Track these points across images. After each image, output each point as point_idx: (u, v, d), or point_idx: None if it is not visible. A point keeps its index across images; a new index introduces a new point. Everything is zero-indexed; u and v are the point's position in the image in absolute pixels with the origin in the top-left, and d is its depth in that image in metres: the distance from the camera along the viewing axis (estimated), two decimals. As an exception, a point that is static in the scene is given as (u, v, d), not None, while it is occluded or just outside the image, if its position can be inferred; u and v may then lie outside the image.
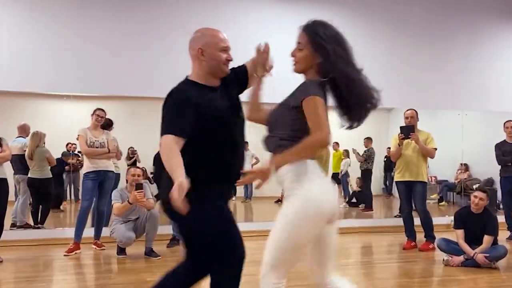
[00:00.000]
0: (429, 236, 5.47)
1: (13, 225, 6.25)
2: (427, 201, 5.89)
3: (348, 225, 7.16)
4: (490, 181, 9.13)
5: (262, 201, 9.17)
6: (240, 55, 2.54)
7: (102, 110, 5.50)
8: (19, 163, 6.19)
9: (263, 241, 2.11)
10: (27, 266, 4.75)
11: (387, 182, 10.19)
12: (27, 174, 6.22)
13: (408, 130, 5.40)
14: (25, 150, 6.20)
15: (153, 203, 5.18)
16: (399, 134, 5.47)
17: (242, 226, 2.39)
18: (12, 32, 6.00)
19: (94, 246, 5.50)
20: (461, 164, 9.38)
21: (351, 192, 9.76)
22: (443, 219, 7.14)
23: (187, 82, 2.32)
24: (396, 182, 5.71)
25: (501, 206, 7.77)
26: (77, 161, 7.56)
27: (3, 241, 5.05)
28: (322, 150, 2.44)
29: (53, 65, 6.05)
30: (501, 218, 5.71)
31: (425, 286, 4.14)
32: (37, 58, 6.02)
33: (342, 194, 9.82)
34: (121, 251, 5.10)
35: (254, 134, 2.67)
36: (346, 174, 9.72)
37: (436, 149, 5.51)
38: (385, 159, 9.58)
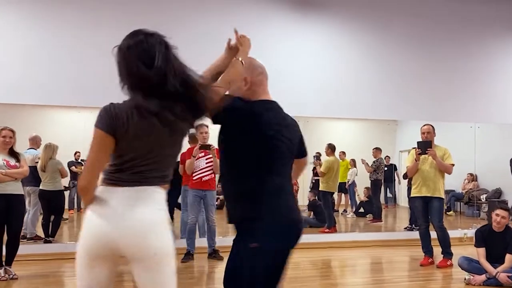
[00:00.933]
0: (447, 253, 5.43)
1: (23, 237, 6.16)
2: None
3: (355, 239, 7.07)
4: (498, 192, 9.14)
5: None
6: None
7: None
8: (30, 175, 6.05)
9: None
10: (41, 284, 4.67)
11: (389, 192, 10.18)
12: (38, 186, 6.15)
13: (425, 146, 5.36)
14: (36, 162, 6.14)
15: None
16: (416, 149, 5.43)
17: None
18: (18, 42, 5.92)
19: (108, 261, 5.41)
20: (468, 174, 9.37)
21: (358, 202, 9.72)
22: (456, 232, 7.08)
23: None
24: (412, 197, 5.64)
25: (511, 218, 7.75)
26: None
27: (16, 255, 4.97)
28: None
29: (62, 77, 5.95)
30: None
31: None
32: (47, 70, 5.93)
33: (349, 203, 9.79)
34: (137, 267, 5.01)
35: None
36: (353, 184, 9.68)
37: (453, 165, 5.46)
38: (386, 169, 9.54)
